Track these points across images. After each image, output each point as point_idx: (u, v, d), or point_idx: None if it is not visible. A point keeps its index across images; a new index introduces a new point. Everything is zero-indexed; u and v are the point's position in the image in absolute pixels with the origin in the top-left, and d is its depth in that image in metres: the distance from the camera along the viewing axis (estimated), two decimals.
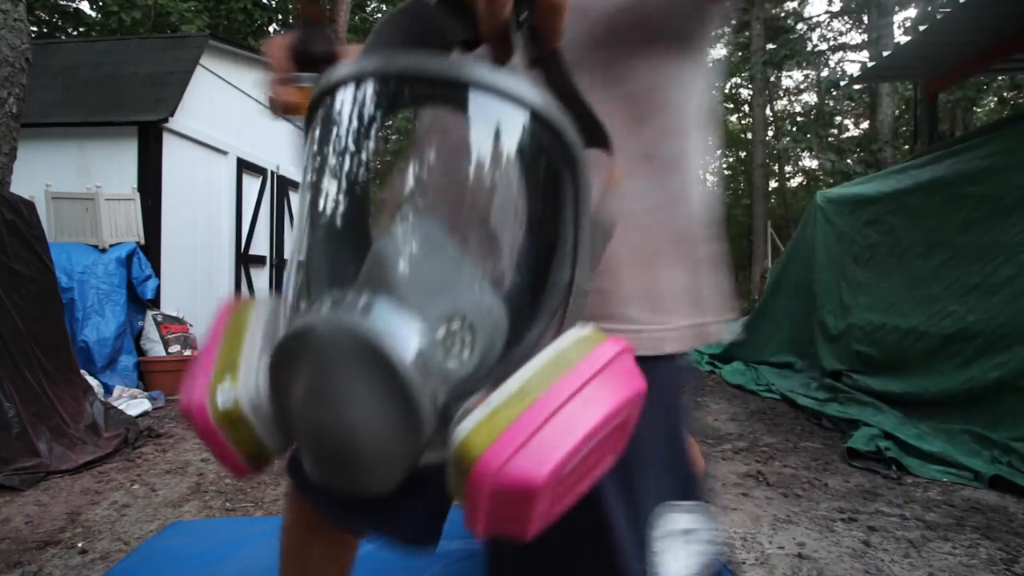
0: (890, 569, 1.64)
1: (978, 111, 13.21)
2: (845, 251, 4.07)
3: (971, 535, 1.86)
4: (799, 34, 14.75)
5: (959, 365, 2.82)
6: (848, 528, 1.91)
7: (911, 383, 3.08)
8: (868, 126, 14.10)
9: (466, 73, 0.28)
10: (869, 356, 3.52)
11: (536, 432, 0.25)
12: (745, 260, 18.29)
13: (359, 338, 0.24)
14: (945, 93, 7.96)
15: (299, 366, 0.25)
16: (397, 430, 0.25)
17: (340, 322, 0.24)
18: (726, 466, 2.59)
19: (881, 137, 10.50)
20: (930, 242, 3.29)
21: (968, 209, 3.04)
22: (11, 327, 2.51)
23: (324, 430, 0.25)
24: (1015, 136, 2.89)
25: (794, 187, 20.60)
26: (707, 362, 5.37)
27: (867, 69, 6.80)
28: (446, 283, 0.29)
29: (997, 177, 2.90)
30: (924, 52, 4.34)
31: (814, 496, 2.21)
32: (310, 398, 0.25)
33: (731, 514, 2.03)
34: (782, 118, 19.53)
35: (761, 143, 13.41)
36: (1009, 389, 2.52)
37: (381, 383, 0.24)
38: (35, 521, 2.00)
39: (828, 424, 3.21)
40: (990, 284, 2.81)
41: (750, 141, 15.74)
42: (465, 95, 0.28)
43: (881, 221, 3.77)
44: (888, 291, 3.55)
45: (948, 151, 3.38)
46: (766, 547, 1.77)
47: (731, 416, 3.52)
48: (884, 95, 10.47)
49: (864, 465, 2.54)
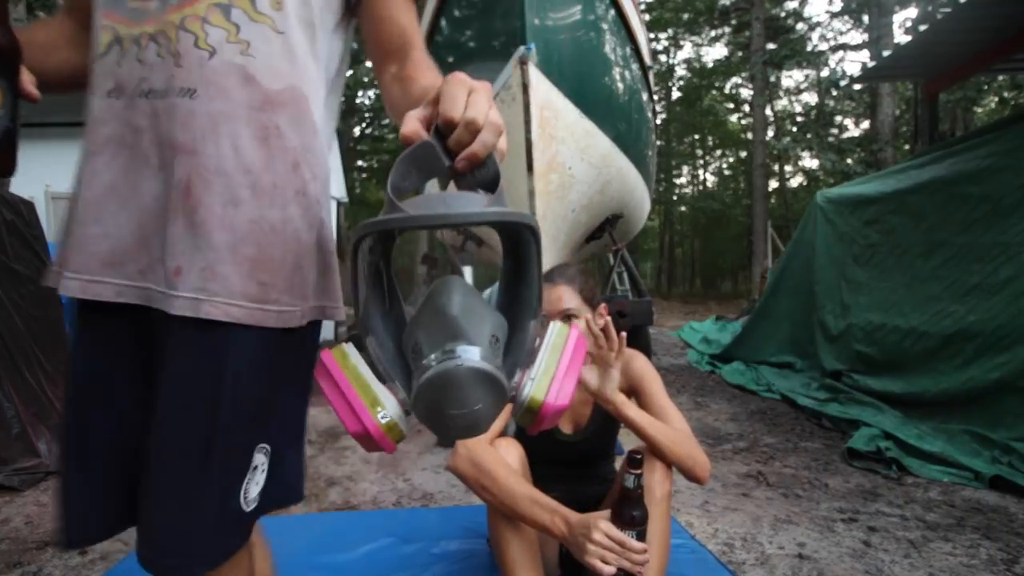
0: (890, 569, 1.64)
1: (978, 111, 13.20)
2: (845, 251, 4.07)
3: (971, 535, 1.86)
4: (799, 34, 14.76)
5: (959, 365, 2.82)
6: (848, 528, 1.91)
7: (911, 383, 3.08)
8: (868, 126, 14.10)
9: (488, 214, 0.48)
10: (869, 356, 3.52)
11: (560, 386, 0.53)
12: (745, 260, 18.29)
13: (476, 370, 0.47)
14: (945, 93, 7.96)
15: (443, 390, 0.47)
16: (497, 403, 0.50)
17: (466, 365, 0.47)
18: (726, 466, 2.58)
19: (881, 137, 10.50)
20: (930, 242, 3.29)
21: (968, 209, 3.04)
22: (11, 327, 2.51)
23: (460, 416, 0.49)
24: (1015, 136, 2.89)
25: (794, 187, 20.62)
26: (707, 362, 5.37)
27: (867, 69, 6.80)
28: (483, 319, 0.51)
29: (997, 177, 2.90)
30: (924, 52, 4.34)
31: (814, 496, 2.21)
32: (450, 403, 0.48)
33: (731, 514, 2.03)
34: (782, 118, 19.53)
35: (761, 143, 13.41)
36: (1009, 389, 2.52)
37: (489, 386, 0.48)
38: (35, 521, 2.00)
39: (828, 424, 3.21)
40: (990, 284, 2.80)
41: (750, 141, 15.75)
42: (495, 225, 0.54)
43: (881, 221, 3.77)
44: (888, 291, 3.55)
45: (948, 151, 3.38)
46: (766, 547, 1.77)
47: (731, 416, 3.52)
48: (884, 95, 10.48)
49: (864, 465, 2.54)
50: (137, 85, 0.62)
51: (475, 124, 0.48)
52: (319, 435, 3.04)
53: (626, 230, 5.05)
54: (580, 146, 3.25)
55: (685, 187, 26.43)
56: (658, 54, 20.77)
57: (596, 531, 1.02)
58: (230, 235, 0.61)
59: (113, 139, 0.63)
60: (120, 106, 0.63)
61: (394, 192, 0.49)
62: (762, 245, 12.05)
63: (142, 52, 0.62)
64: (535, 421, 0.53)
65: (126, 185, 0.63)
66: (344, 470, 2.53)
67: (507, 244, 0.59)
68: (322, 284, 0.72)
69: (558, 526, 1.08)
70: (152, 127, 0.62)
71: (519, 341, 0.56)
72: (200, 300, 0.60)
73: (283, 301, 0.65)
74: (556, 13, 3.01)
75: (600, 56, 3.43)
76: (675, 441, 1.22)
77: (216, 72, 0.62)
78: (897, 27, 12.24)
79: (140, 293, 0.62)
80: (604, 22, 3.40)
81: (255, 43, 0.63)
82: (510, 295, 0.59)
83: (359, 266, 0.53)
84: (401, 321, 0.59)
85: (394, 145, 16.72)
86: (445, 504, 2.13)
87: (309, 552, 1.69)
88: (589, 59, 3.32)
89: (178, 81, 0.61)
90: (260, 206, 0.63)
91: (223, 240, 0.61)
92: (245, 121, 0.63)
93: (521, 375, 0.53)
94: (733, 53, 19.38)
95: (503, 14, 2.89)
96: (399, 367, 0.55)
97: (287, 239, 0.65)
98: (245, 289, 0.62)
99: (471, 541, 1.76)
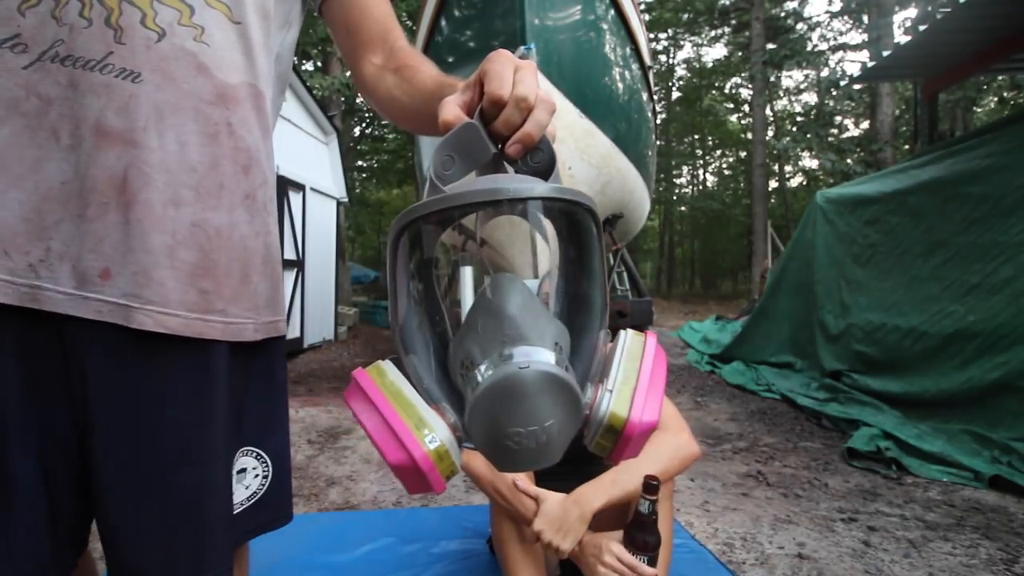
0: (890, 569, 1.64)
1: (978, 111, 13.21)
2: (845, 251, 4.07)
3: (971, 535, 1.86)
4: (799, 34, 14.75)
5: (959, 365, 2.82)
6: (848, 528, 1.91)
7: (911, 383, 3.08)
8: (868, 126, 14.10)
9: (546, 190, 0.41)
10: (869, 356, 3.52)
11: (645, 399, 0.43)
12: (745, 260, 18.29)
13: (547, 375, 0.38)
14: (945, 93, 7.96)
15: (507, 401, 0.38)
16: (572, 420, 0.40)
17: (535, 368, 0.38)
18: (726, 466, 2.59)
19: (881, 137, 10.50)
20: (930, 242, 3.29)
21: (968, 209, 3.04)
22: None
23: (528, 435, 0.39)
24: (1015, 136, 2.89)
25: (794, 187, 20.61)
26: (707, 362, 5.37)
27: (867, 69, 6.80)
28: (548, 321, 0.43)
29: (997, 177, 2.91)
30: (924, 52, 4.34)
31: (814, 496, 2.21)
32: (515, 417, 0.38)
33: (731, 514, 2.04)
34: (782, 118, 19.54)
35: (761, 143, 13.41)
36: (1009, 389, 2.52)
37: (563, 395, 0.38)
38: None
39: (828, 424, 3.21)
40: (990, 284, 2.81)
41: (750, 141, 15.74)
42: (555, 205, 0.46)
43: (881, 221, 3.77)
44: (888, 291, 3.55)
45: (948, 151, 3.39)
46: (766, 547, 1.77)
47: (731, 416, 3.52)
48: (884, 95, 10.47)
49: (864, 465, 2.54)
50: (50, 46, 0.52)
51: (527, 102, 0.43)
52: (319, 435, 3.04)
53: (626, 230, 5.06)
54: (580, 146, 3.26)
55: (685, 187, 26.45)
56: (658, 54, 20.78)
57: (608, 554, 1.02)
58: (169, 238, 0.55)
59: (2, 101, 0.52)
60: (18, 63, 0.52)
61: (438, 180, 0.43)
62: (762, 245, 12.06)
63: (59, 8, 0.52)
64: (617, 444, 0.43)
65: (19, 160, 0.52)
66: (344, 470, 2.53)
67: (564, 234, 0.50)
68: (273, 297, 0.66)
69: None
70: (67, 100, 0.53)
71: (585, 348, 0.47)
72: (132, 308, 0.53)
73: (230, 312, 0.59)
74: (556, 13, 3.02)
75: (600, 56, 3.43)
76: (666, 470, 1.12)
77: (165, 57, 0.55)
78: (897, 27, 12.25)
79: (26, 293, 0.52)
80: (604, 22, 3.40)
81: (210, 29, 0.57)
82: (569, 296, 0.50)
83: (396, 268, 0.44)
84: (446, 337, 0.50)
85: (394, 145, 16.69)
86: (445, 504, 2.13)
87: (309, 552, 1.69)
88: (589, 59, 3.32)
89: (118, 59, 0.53)
90: (204, 208, 0.57)
91: (160, 242, 0.55)
92: (194, 115, 0.57)
93: (594, 389, 0.43)
94: (733, 53, 19.39)
95: (503, 14, 2.89)
96: (447, 388, 0.46)
97: (233, 245, 0.60)
98: (183, 297, 0.56)
99: (471, 541, 1.76)
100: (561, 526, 1.06)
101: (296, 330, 5.77)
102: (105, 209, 0.53)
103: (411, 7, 12.09)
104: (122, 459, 0.55)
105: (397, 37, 0.72)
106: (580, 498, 1.07)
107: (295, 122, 6.12)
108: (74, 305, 0.53)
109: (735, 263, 23.97)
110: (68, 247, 0.53)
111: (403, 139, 14.78)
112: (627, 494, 1.08)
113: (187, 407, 0.57)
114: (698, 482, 2.37)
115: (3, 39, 0.52)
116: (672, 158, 22.78)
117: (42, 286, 0.53)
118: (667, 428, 1.19)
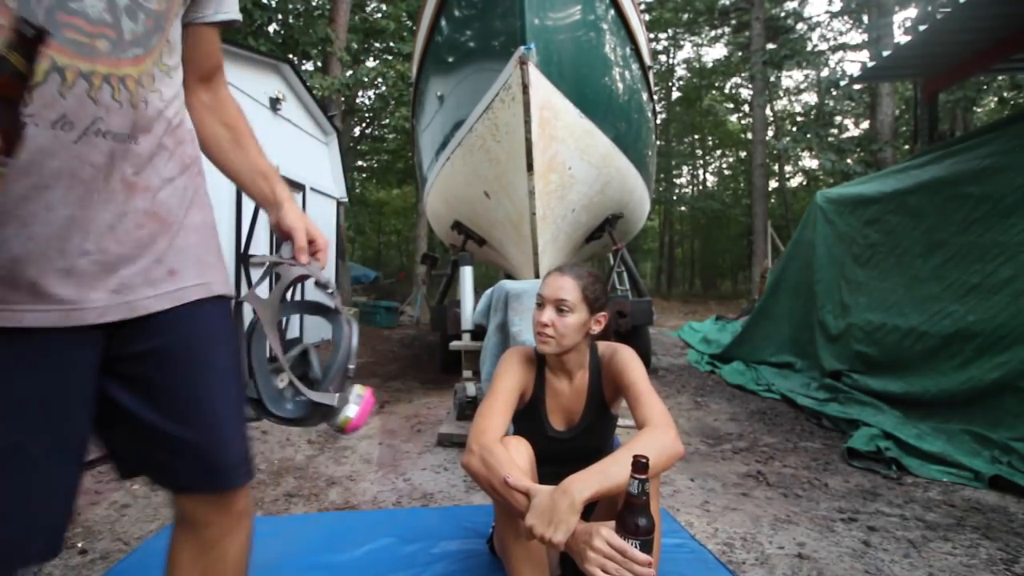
0: (890, 569, 1.64)
1: (978, 111, 13.21)
2: (845, 251, 4.07)
3: (971, 535, 1.86)
4: (799, 34, 14.75)
5: (959, 365, 2.82)
6: (848, 528, 1.91)
7: (911, 383, 3.08)
8: (868, 126, 14.10)
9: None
10: (869, 356, 3.52)
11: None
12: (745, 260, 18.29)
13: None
14: (945, 93, 7.97)
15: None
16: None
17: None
18: (726, 466, 2.58)
19: (881, 137, 10.50)
20: (930, 242, 3.29)
21: (968, 209, 3.04)
22: None
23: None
24: (1015, 136, 2.89)
25: (794, 187, 20.61)
26: (707, 362, 5.37)
27: (867, 69, 6.79)
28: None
29: (997, 177, 2.91)
30: (924, 52, 4.34)
31: (814, 496, 2.21)
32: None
33: (731, 514, 2.03)
34: (782, 118, 19.53)
35: (761, 143, 13.40)
36: (1009, 389, 2.52)
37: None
38: None
39: (828, 424, 3.21)
40: (990, 284, 2.81)
41: (750, 141, 15.74)
42: None
43: (881, 221, 3.77)
44: (888, 291, 3.55)
45: (948, 151, 3.39)
46: (766, 547, 1.77)
47: (731, 416, 3.52)
48: (884, 95, 10.47)
49: (864, 465, 2.54)
50: (92, 123, 0.64)
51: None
52: (319, 435, 3.04)
53: (626, 230, 5.06)
54: (580, 146, 3.26)
55: (685, 187, 26.43)
56: (658, 54, 20.77)
57: (597, 538, 0.98)
58: (185, 241, 0.79)
59: (66, 172, 0.63)
60: (69, 139, 0.63)
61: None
62: (762, 245, 12.06)
63: (95, 91, 0.64)
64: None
65: (84, 218, 0.66)
66: (344, 470, 2.53)
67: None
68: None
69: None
70: (108, 166, 0.67)
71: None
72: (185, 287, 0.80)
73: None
74: (556, 13, 3.02)
75: (600, 56, 3.43)
76: (652, 466, 1.07)
77: (150, 119, 0.72)
78: (897, 27, 12.24)
79: (124, 307, 0.72)
80: (604, 22, 3.40)
81: (164, 90, 0.74)
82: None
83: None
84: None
85: (394, 145, 16.68)
86: (445, 504, 2.13)
87: (309, 552, 1.69)
88: (589, 59, 3.32)
89: (137, 130, 0.69)
90: (189, 215, 0.80)
91: (186, 244, 0.79)
92: (169, 154, 0.76)
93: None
94: (733, 53, 19.38)
95: (503, 14, 2.89)
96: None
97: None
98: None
99: (471, 541, 1.76)
100: (552, 518, 1.02)
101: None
102: (160, 238, 0.77)
103: (411, 7, 12.06)
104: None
105: (222, 73, 0.91)
106: (568, 487, 1.05)
107: (295, 122, 6.12)
108: (159, 299, 0.76)
109: (735, 263, 23.96)
110: (136, 270, 0.76)
111: (403, 139, 14.76)
112: (616, 485, 1.06)
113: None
114: (698, 482, 2.37)
115: (53, 121, 0.63)
116: (672, 158, 22.77)
117: (130, 299, 0.73)
118: (655, 425, 1.17)
